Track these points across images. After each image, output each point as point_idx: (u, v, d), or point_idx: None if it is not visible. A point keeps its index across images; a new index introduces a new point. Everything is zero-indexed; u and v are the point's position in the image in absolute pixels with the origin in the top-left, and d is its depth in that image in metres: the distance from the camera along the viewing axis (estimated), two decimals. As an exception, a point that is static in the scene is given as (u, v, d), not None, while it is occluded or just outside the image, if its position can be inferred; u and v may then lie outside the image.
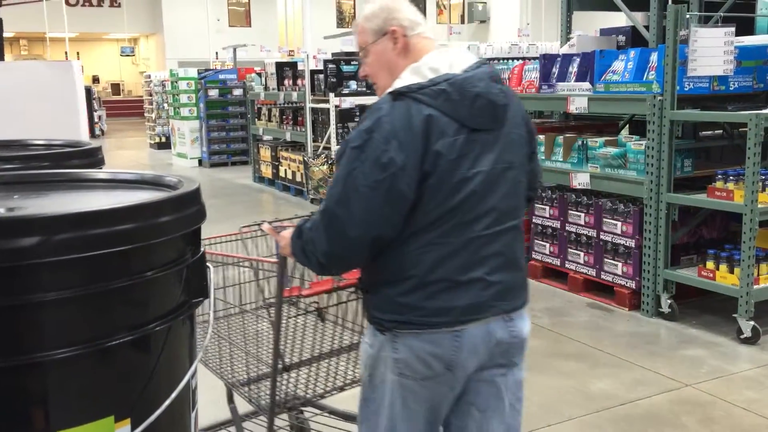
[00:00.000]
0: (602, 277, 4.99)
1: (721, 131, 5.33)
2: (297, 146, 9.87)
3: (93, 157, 2.62)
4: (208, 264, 1.64)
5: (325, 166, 7.84)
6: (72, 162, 2.49)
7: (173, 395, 1.48)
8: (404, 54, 1.87)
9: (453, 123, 1.74)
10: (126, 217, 1.38)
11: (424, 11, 32.74)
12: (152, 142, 17.36)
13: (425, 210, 1.74)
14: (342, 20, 31.49)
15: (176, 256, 1.53)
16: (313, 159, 8.12)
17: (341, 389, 2.48)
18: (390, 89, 1.80)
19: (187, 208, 1.54)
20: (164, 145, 16.26)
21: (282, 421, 2.61)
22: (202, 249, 1.64)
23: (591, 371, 3.85)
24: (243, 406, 2.62)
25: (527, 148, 1.94)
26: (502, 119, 1.83)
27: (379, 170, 1.70)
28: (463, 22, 32.08)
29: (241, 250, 2.53)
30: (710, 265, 4.35)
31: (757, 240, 4.63)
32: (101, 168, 2.56)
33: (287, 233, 1.94)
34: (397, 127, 1.72)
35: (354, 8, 31.50)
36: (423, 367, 1.79)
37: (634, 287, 4.77)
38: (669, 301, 4.57)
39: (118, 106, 29.63)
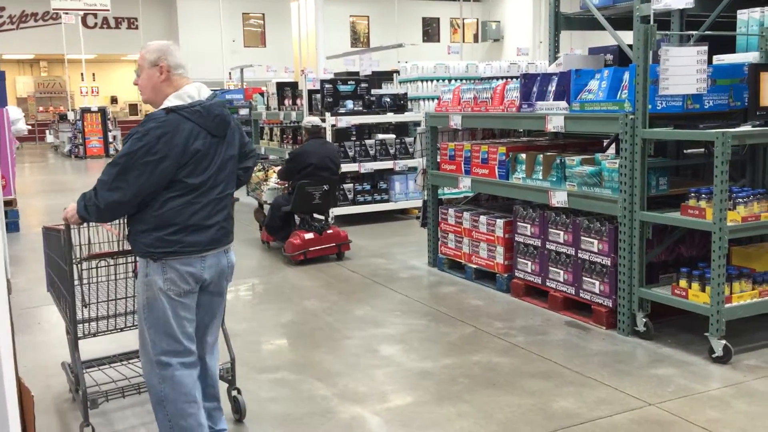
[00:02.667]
0: (581, 295, 4.99)
1: (702, 149, 5.33)
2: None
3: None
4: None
5: (261, 173, 8.50)
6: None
7: None
8: (167, 83, 2.93)
9: (203, 131, 2.88)
10: None
11: (438, 31, 32.96)
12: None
13: (186, 182, 2.85)
14: (356, 40, 31.78)
15: None
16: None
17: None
18: (163, 106, 2.87)
19: None
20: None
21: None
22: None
23: (556, 390, 3.84)
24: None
25: (239, 148, 3.12)
26: (227, 130, 3.00)
27: (150, 155, 2.75)
28: (476, 41, 32.21)
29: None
30: (683, 283, 4.33)
31: (733, 258, 4.64)
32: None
33: (73, 204, 2.93)
34: (168, 130, 2.79)
35: (368, 28, 31.80)
36: (183, 283, 2.90)
37: (610, 306, 4.76)
38: (644, 320, 4.55)
39: (134, 126, 30.01)
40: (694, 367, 4.09)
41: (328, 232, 7.05)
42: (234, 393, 3.65)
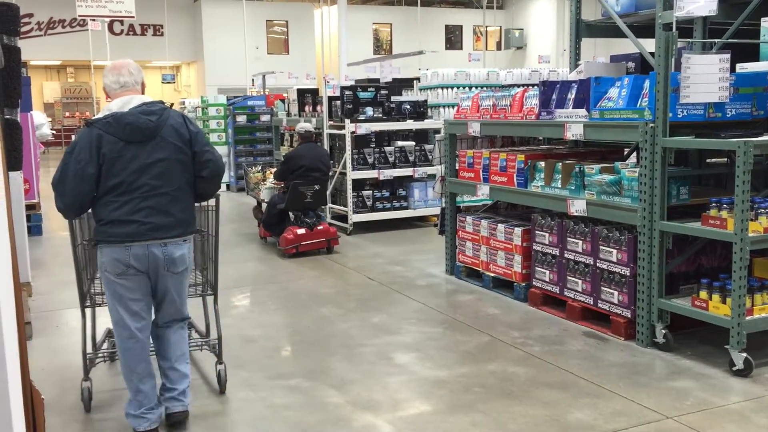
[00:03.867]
0: (599, 305, 4.93)
1: (725, 159, 5.25)
2: (317, 171, 9.97)
3: None
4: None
5: (259, 174, 9.13)
6: None
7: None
8: (110, 100, 3.49)
9: (114, 138, 3.33)
10: None
11: (461, 38, 32.93)
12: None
13: (104, 184, 3.34)
14: (379, 47, 31.85)
15: None
16: (251, 168, 9.78)
17: None
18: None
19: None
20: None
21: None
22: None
23: (572, 401, 3.79)
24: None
25: (187, 148, 3.47)
26: (150, 135, 3.38)
27: (76, 163, 3.30)
28: (499, 48, 32.13)
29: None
30: (703, 294, 4.26)
31: (756, 269, 4.55)
32: None
33: None
34: (85, 142, 3.33)
35: (391, 36, 31.86)
36: (113, 266, 3.40)
37: (629, 316, 4.69)
38: (663, 331, 4.48)
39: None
40: (714, 380, 4.01)
41: (319, 228, 7.61)
42: (219, 367, 4.06)
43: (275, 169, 8.32)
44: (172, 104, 5.71)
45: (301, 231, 7.53)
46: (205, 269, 4.25)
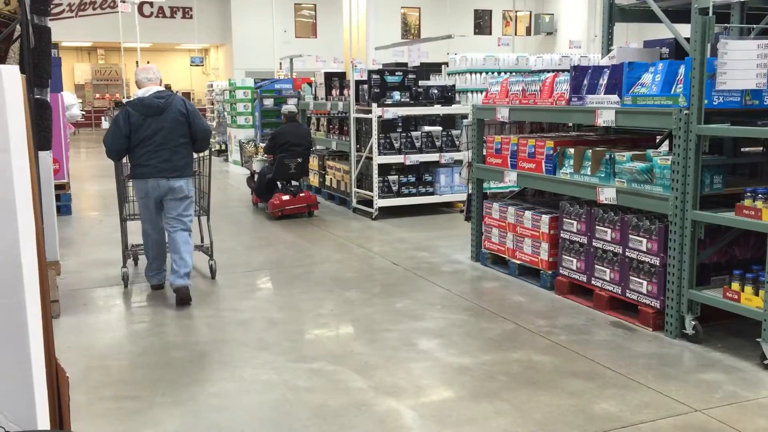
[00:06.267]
0: (627, 295, 4.85)
1: (761, 148, 5.12)
2: (344, 156, 9.96)
3: None
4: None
5: (253, 147, 10.92)
6: None
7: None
8: (138, 88, 5.53)
9: (137, 113, 5.33)
10: None
11: (489, 23, 32.60)
12: (212, 149, 17.78)
13: (133, 140, 5.34)
14: (407, 32, 31.66)
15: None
16: (246, 142, 11.49)
17: None
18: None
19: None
20: (223, 152, 16.65)
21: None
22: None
23: (598, 391, 3.73)
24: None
25: (185, 120, 5.40)
26: (161, 111, 5.33)
27: (116, 128, 5.35)
28: (529, 33, 31.77)
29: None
30: (735, 286, 4.16)
31: (791, 262, 4.43)
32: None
33: None
34: (122, 114, 5.37)
35: (419, 20, 31.64)
36: (139, 193, 5.50)
37: (658, 307, 4.61)
38: (693, 323, 4.40)
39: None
40: (744, 374, 3.93)
41: (301, 195, 8.94)
42: (210, 262, 6.16)
43: (265, 145, 9.73)
44: (177, 91, 7.28)
45: (286, 197, 8.80)
46: (201, 198, 6.21)
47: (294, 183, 9.10)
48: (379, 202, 8.75)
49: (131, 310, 5.49)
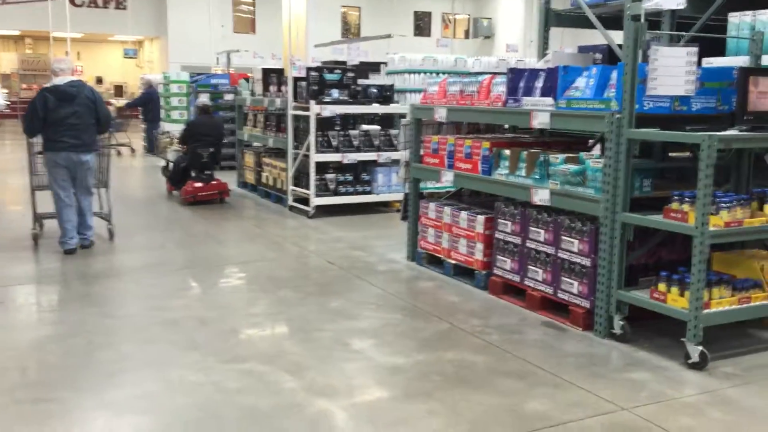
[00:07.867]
0: (559, 295, 4.92)
1: (688, 153, 5.26)
2: (281, 153, 9.83)
3: None
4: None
5: (168, 140, 11.61)
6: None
7: None
8: (54, 77, 6.67)
9: (53, 98, 6.49)
10: None
11: (429, 25, 32.82)
12: (145, 144, 17.32)
13: (48, 121, 6.49)
14: (347, 31, 31.57)
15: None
16: (161, 134, 12.36)
17: None
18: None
19: None
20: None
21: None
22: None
23: (529, 390, 3.76)
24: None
25: (92, 105, 6.67)
26: (73, 97, 6.54)
27: (34, 109, 6.49)
28: (467, 37, 32.13)
29: None
30: (662, 287, 4.27)
31: (714, 264, 4.58)
32: None
33: None
34: (39, 98, 6.50)
35: (360, 19, 31.60)
36: (52, 164, 6.61)
37: (588, 307, 4.69)
38: (621, 323, 4.49)
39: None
40: (670, 373, 4.02)
41: (213, 183, 9.53)
42: (109, 226, 7.23)
43: (178, 135, 10.44)
44: (86, 81, 8.30)
45: (198, 184, 9.42)
46: (101, 173, 7.28)
47: (207, 171, 9.62)
48: (316, 201, 8.67)
49: (53, 309, 5.26)
